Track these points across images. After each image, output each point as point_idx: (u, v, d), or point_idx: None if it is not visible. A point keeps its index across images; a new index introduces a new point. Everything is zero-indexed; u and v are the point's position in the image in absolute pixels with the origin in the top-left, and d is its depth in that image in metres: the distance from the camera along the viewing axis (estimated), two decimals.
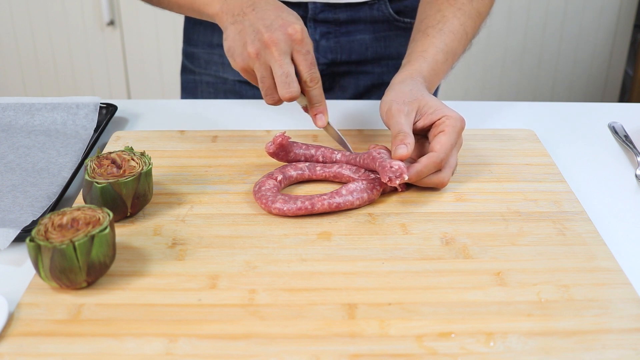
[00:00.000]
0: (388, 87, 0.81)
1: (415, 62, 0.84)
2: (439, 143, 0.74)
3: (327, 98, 1.07)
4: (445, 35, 0.86)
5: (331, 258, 0.66)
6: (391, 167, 0.72)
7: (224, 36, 0.80)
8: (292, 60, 0.77)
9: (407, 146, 0.73)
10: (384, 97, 0.80)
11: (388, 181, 0.72)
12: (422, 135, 0.79)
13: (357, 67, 1.10)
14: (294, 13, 0.79)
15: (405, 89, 0.79)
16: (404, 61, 0.86)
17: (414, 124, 0.77)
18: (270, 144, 0.79)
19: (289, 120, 0.96)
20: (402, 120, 0.75)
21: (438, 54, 0.85)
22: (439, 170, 0.75)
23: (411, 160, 0.79)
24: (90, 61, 2.33)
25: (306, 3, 1.02)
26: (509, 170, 0.82)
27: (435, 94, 1.20)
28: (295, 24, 0.77)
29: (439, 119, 0.76)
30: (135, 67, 2.34)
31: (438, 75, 0.85)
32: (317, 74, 0.78)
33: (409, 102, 0.77)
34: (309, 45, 0.78)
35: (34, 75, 2.36)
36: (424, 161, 0.73)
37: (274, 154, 0.80)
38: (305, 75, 0.78)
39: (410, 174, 0.73)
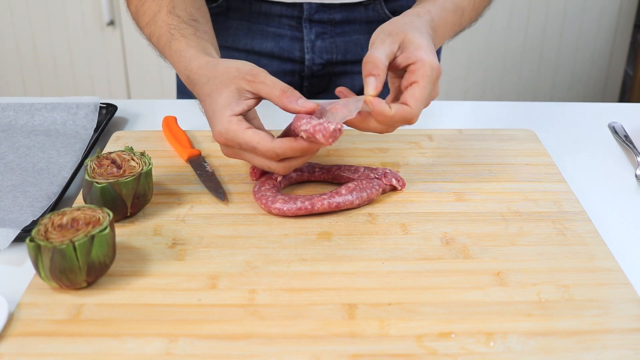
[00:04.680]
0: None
1: (424, 3, 0.79)
2: (413, 97, 0.68)
3: (323, 98, 1.07)
4: None
5: (331, 258, 0.66)
6: (327, 126, 0.66)
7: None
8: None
9: (375, 79, 0.68)
10: (377, 29, 0.74)
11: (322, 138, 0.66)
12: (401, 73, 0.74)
13: (353, 67, 1.09)
14: (227, 76, 0.72)
15: (400, 22, 0.74)
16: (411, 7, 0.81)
17: (395, 58, 0.71)
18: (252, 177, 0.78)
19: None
20: (379, 49, 0.69)
21: (447, 1, 0.80)
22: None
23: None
24: (90, 61, 2.33)
25: (301, 3, 1.02)
26: (509, 170, 0.82)
27: None
28: (217, 123, 0.70)
29: (413, 63, 0.69)
30: (135, 67, 2.34)
31: (446, 25, 0.80)
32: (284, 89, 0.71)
33: (395, 33, 0.71)
34: (252, 88, 0.71)
35: (34, 75, 2.36)
36: (395, 110, 0.68)
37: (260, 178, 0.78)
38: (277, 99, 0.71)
39: (376, 109, 0.67)
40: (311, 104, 0.69)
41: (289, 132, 0.71)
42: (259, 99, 0.72)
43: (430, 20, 0.76)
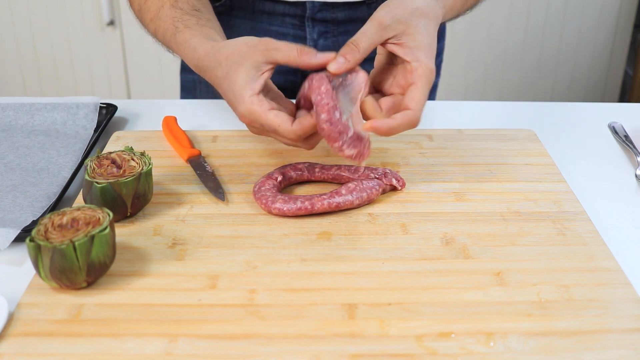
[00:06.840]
0: None
1: None
2: (413, 100, 0.69)
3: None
4: None
5: (331, 258, 0.66)
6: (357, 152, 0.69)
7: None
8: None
9: (345, 62, 0.68)
10: (385, 3, 0.72)
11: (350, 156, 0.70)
12: (391, 63, 0.74)
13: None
14: (241, 67, 0.72)
15: (409, 5, 0.71)
16: None
17: (387, 41, 0.71)
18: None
19: None
20: (369, 37, 0.69)
21: None
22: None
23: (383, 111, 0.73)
24: (90, 61, 2.33)
25: (304, 2, 1.02)
26: (509, 170, 0.82)
27: (433, 92, 1.20)
28: (239, 105, 0.71)
29: (410, 63, 0.69)
30: (135, 67, 2.34)
31: (453, 9, 0.79)
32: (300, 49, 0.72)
33: (397, 20, 0.70)
34: (266, 69, 0.72)
35: (34, 75, 2.36)
36: (400, 119, 0.68)
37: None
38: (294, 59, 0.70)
39: (383, 131, 0.68)
40: (329, 53, 0.70)
41: (303, 99, 0.73)
42: (272, 68, 0.73)
43: (440, 4, 0.75)
